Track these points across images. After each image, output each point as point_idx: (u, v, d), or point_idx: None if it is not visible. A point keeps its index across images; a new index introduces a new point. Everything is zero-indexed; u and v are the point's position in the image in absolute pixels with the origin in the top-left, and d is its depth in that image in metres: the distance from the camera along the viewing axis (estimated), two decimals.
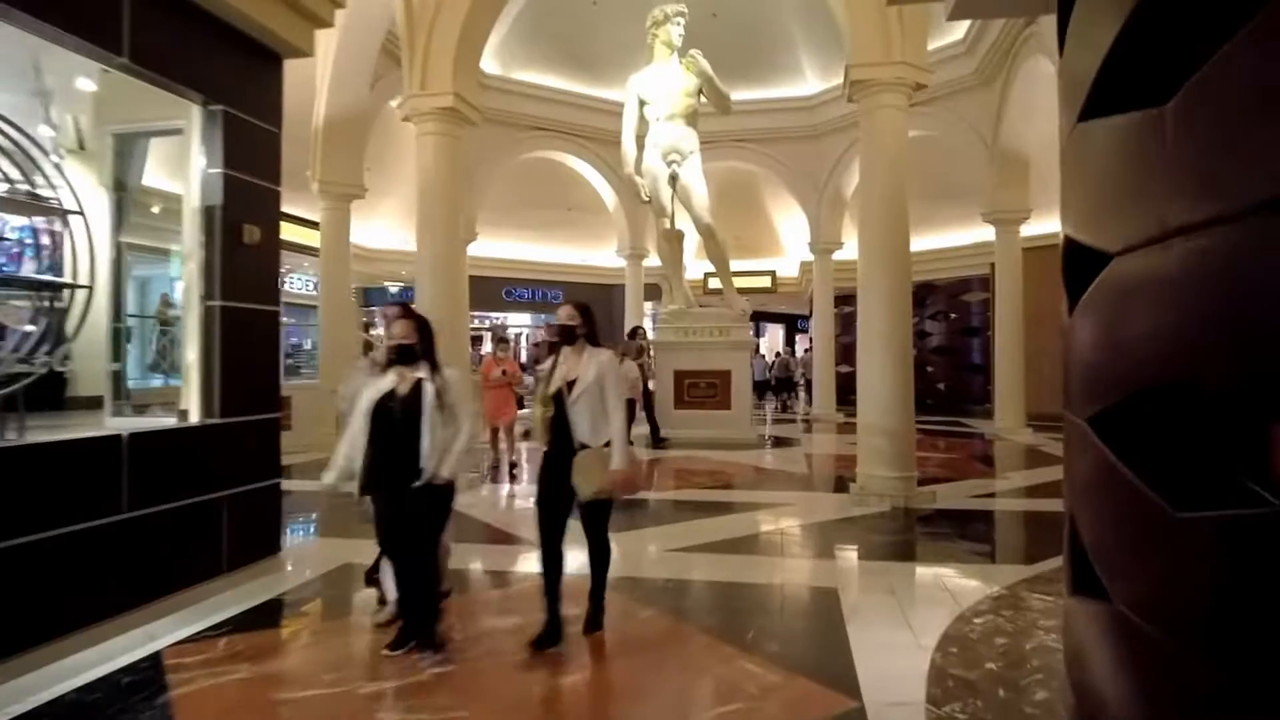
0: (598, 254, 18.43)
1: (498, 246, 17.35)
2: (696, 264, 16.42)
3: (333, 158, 10.47)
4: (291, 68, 5.20)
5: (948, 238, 15.59)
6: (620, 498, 3.43)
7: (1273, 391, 1.34)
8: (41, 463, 3.37)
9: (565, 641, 3.39)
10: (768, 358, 23.49)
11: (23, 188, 3.80)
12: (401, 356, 3.42)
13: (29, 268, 4.17)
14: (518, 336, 20.98)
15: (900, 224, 6.75)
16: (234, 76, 4.68)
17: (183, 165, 4.63)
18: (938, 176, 13.13)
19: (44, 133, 4.34)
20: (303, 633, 3.88)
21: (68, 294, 3.99)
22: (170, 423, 4.48)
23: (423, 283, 8.48)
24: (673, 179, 11.14)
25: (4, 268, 4.27)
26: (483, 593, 4.45)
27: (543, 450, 3.48)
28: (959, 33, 12.19)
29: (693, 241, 12.90)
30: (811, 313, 17.57)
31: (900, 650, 3.41)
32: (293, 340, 16.07)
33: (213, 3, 4.38)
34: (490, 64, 14.21)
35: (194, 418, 4.49)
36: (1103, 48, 1.87)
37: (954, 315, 16.80)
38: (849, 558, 5.28)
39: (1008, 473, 8.80)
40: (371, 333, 9.45)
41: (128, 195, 4.83)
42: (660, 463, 9.46)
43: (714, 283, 15.64)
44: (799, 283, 19.64)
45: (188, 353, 4.58)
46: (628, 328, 15.57)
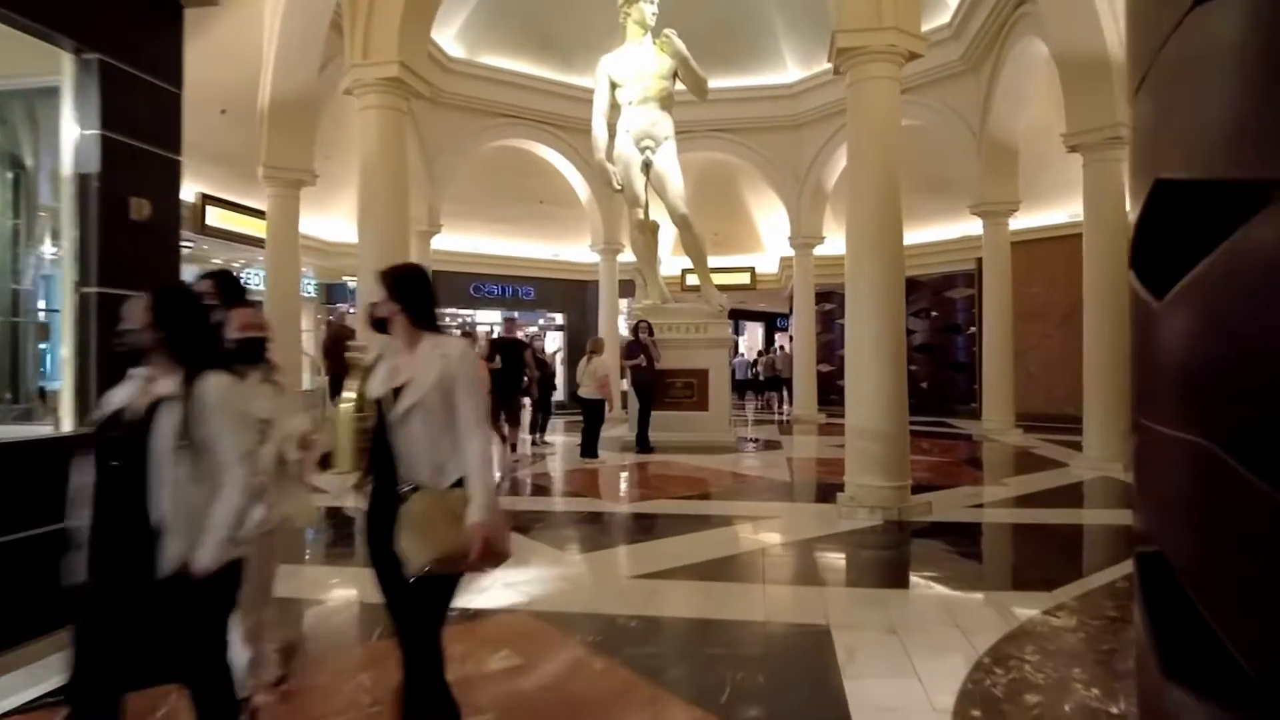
0: (571, 249, 17.68)
1: (465, 240, 16.52)
2: (673, 260, 15.75)
3: (279, 141, 9.58)
4: (238, 45, 4.45)
5: (931, 232, 15.06)
6: (479, 571, 2.16)
7: None
8: None
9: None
10: (747, 356, 22.98)
11: None
12: (143, 354, 2.11)
13: None
14: (488, 334, 20.14)
15: (893, 209, 6.11)
16: (118, 23, 3.97)
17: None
18: (921, 168, 12.55)
19: None
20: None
21: None
22: (44, 431, 3.76)
23: (365, 276, 7.52)
24: (646, 166, 10.46)
25: None
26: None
27: (356, 491, 2.25)
28: (945, 15, 11.64)
29: (668, 235, 12.21)
30: (792, 310, 17.00)
31: (911, 714, 2.77)
32: None
33: None
34: (454, 47, 13.43)
35: (66, 426, 3.76)
36: None
37: (936, 312, 16.34)
38: (840, 585, 4.65)
39: (1003, 478, 8.22)
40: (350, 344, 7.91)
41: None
42: (632, 468, 8.79)
43: (691, 279, 14.97)
44: (779, 279, 19.06)
45: (61, 349, 3.88)
46: (602, 326, 14.91)
